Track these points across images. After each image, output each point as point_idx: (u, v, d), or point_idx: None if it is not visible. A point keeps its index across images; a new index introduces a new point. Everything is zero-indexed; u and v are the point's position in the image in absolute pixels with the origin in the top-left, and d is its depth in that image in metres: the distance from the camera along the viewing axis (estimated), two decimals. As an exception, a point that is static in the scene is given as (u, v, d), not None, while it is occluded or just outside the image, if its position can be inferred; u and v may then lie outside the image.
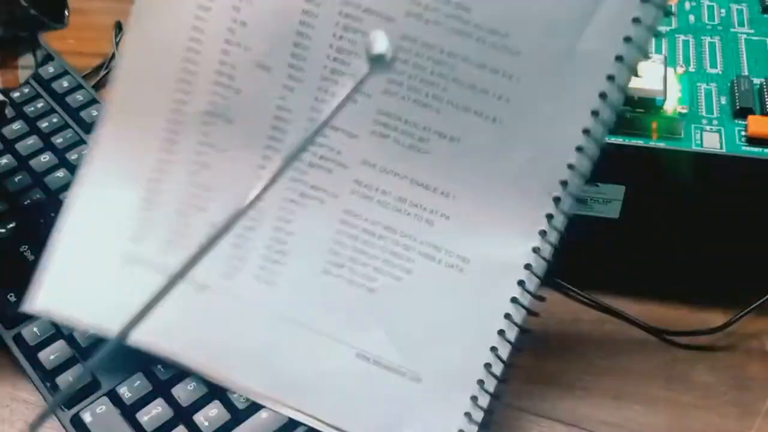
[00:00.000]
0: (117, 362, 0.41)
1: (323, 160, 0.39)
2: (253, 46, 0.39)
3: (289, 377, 0.39)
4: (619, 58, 0.36)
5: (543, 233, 0.38)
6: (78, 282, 0.41)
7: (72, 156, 0.51)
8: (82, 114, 0.54)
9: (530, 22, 0.36)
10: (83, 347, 0.42)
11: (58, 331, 0.42)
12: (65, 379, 0.41)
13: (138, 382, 0.41)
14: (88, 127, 0.53)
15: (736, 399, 0.43)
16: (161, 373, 0.41)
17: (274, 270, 0.40)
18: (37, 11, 0.42)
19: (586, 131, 0.37)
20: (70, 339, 0.42)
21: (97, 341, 0.41)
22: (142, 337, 0.39)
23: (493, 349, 0.38)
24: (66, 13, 0.44)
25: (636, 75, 0.36)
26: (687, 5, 0.50)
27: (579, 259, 0.40)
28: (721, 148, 0.43)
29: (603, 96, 0.36)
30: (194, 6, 0.40)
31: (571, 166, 0.37)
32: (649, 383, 0.44)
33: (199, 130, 0.40)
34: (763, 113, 0.44)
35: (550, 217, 0.38)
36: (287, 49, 0.39)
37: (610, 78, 0.36)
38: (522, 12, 0.36)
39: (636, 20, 0.35)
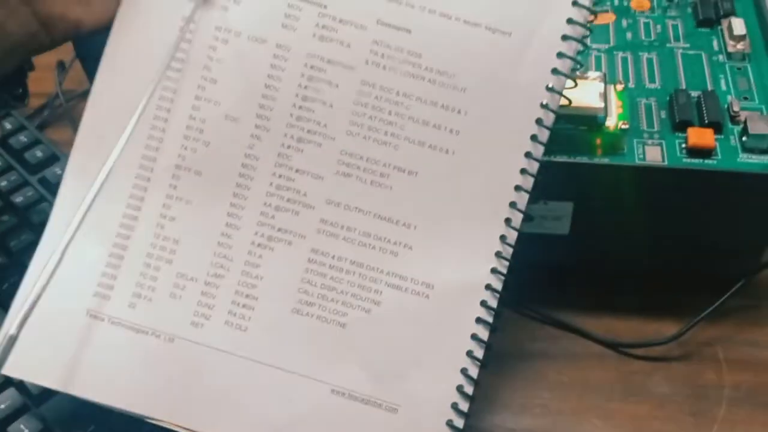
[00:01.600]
0: (74, 412, 0.40)
1: (290, 202, 0.40)
2: (223, 100, 0.41)
3: (266, 423, 0.39)
4: (549, 88, 0.39)
5: (498, 253, 0.39)
6: (42, 339, 0.40)
7: (17, 198, 0.51)
8: (26, 155, 0.53)
9: (473, 62, 0.40)
10: (35, 395, 0.41)
11: (7, 379, 0.41)
12: (17, 429, 0.40)
13: (92, 426, 0.40)
14: (32, 169, 0.53)
15: (692, 407, 0.44)
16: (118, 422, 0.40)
17: (244, 314, 0.40)
18: (3, 92, 0.43)
19: (527, 154, 0.39)
20: (21, 387, 0.42)
21: (50, 390, 0.40)
22: (109, 396, 0.39)
23: (464, 370, 0.39)
24: (27, 94, 0.46)
25: (566, 99, 0.40)
26: (624, 23, 0.51)
27: (532, 276, 0.41)
28: (663, 161, 0.44)
29: (539, 121, 0.40)
30: (163, 66, 0.41)
31: (517, 188, 0.40)
32: (607, 396, 0.45)
33: (168, 183, 0.41)
34: (702, 125, 0.45)
35: (503, 237, 0.40)
36: (255, 99, 0.41)
37: (544, 105, 0.39)
38: (466, 54, 0.40)
39: (560, 54, 0.39)
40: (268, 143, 0.40)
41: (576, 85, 0.41)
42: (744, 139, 0.44)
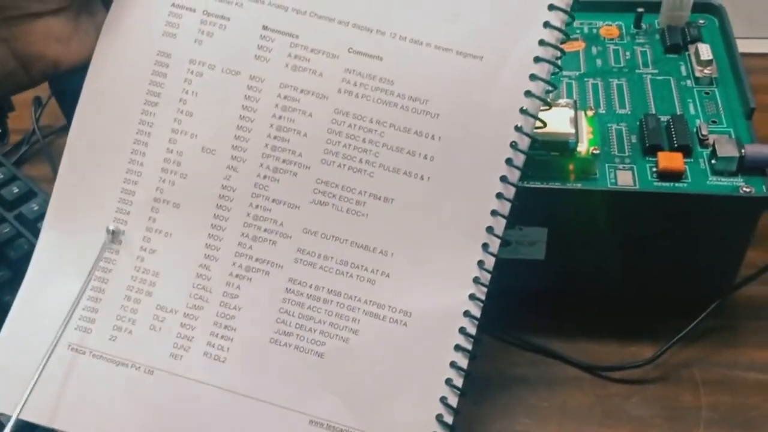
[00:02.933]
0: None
1: (267, 232, 0.40)
2: (199, 132, 0.41)
3: None
4: (523, 110, 0.39)
5: (476, 279, 0.39)
6: (21, 375, 0.39)
7: (-6, 235, 0.50)
8: (3, 192, 0.53)
9: (446, 88, 0.40)
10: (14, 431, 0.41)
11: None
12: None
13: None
14: (9, 205, 0.52)
15: (670, 429, 0.44)
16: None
17: (222, 345, 0.40)
18: None
19: (503, 178, 0.39)
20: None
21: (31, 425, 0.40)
22: (92, 429, 0.39)
23: (443, 399, 0.39)
24: (7, 133, 0.45)
25: (541, 122, 0.40)
26: (594, 50, 0.52)
27: (509, 302, 0.41)
28: (635, 185, 0.44)
29: (513, 145, 0.39)
30: (141, 102, 0.41)
31: (494, 212, 0.40)
32: (586, 421, 0.45)
33: (147, 216, 0.41)
34: (672, 149, 0.45)
35: (481, 263, 0.39)
36: (231, 131, 0.41)
37: (518, 128, 0.39)
38: (438, 80, 0.40)
39: (533, 76, 0.39)
40: (245, 174, 0.41)
41: (550, 107, 0.41)
42: (713, 162, 0.45)
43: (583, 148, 0.45)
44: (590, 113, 0.46)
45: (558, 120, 0.44)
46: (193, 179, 0.41)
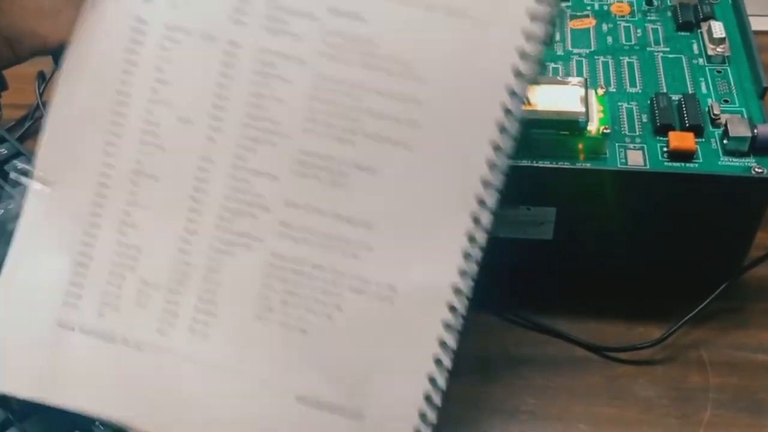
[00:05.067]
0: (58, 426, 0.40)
1: (247, 206, 0.39)
2: (175, 102, 0.40)
3: (231, 430, 0.39)
4: (516, 72, 0.37)
5: (467, 254, 0.38)
6: (11, 351, 0.40)
7: (-2, 211, 0.50)
8: (7, 168, 0.53)
9: (432, 50, 0.38)
10: (16, 409, 0.41)
11: (-11, 394, 0.41)
12: (0, 444, 0.40)
13: (75, 439, 0.40)
14: (13, 181, 0.52)
15: (678, 410, 0.44)
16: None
17: (206, 321, 0.40)
18: None
19: (496, 147, 0.37)
20: (2, 402, 0.41)
21: (32, 403, 0.40)
22: (85, 404, 0.39)
23: (431, 377, 0.38)
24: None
25: (535, 83, 0.38)
26: (604, 27, 0.51)
27: (516, 282, 0.41)
28: (645, 164, 0.44)
29: (507, 111, 0.37)
30: (119, 71, 0.40)
31: (484, 183, 0.37)
32: (592, 401, 0.45)
33: (127, 190, 0.40)
34: (683, 128, 0.45)
35: (471, 237, 0.38)
36: (208, 100, 0.40)
37: (512, 93, 0.37)
38: (424, 42, 0.38)
39: (526, 35, 0.36)
40: (223, 145, 0.39)
41: (545, 68, 0.39)
42: (725, 142, 0.44)
43: (593, 127, 0.44)
44: (600, 92, 0.46)
45: (568, 98, 0.43)
46: (170, 151, 0.40)
